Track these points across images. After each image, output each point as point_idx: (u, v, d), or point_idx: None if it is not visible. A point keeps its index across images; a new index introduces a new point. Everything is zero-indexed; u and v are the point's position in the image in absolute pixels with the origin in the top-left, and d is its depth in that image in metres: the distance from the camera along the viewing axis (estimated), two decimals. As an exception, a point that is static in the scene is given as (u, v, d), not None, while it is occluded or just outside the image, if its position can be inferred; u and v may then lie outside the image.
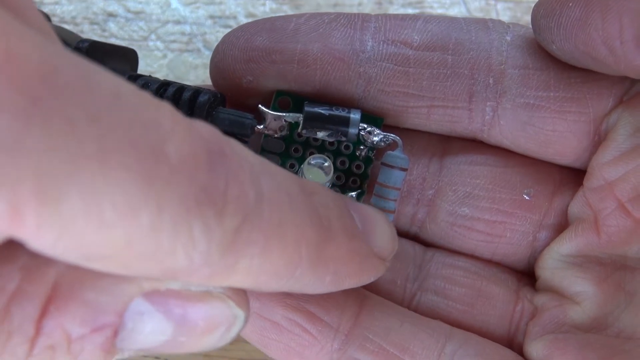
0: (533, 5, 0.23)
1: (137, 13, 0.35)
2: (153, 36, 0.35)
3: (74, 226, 0.12)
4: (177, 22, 0.35)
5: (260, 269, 0.15)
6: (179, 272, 0.14)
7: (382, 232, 0.20)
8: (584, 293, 0.23)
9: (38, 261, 0.15)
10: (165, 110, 0.14)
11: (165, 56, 0.35)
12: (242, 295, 0.17)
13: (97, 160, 0.12)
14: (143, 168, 0.13)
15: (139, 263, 0.14)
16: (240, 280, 0.16)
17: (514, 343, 0.25)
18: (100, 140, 0.12)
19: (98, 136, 0.12)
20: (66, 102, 0.12)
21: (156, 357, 0.30)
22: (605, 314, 0.23)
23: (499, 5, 0.33)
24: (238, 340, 0.30)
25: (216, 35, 0.35)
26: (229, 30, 0.24)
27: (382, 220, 0.20)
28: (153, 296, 0.16)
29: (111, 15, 0.35)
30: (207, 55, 0.35)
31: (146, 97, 0.14)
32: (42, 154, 0.12)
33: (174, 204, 0.13)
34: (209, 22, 0.35)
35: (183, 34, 0.35)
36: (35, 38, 0.12)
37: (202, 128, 0.15)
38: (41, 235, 0.12)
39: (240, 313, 0.17)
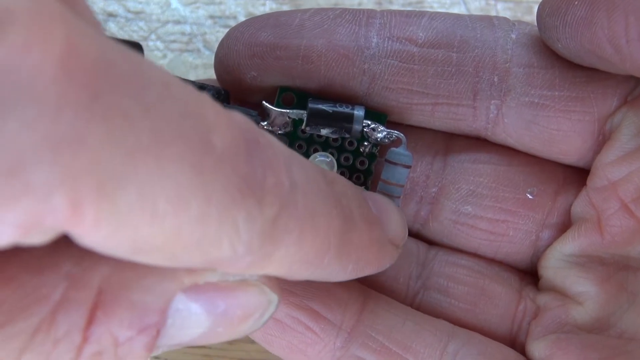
0: (533, 5, 0.23)
1: (137, 13, 0.35)
2: (153, 36, 0.35)
3: (129, 219, 0.12)
4: (177, 22, 0.35)
5: (294, 257, 0.16)
6: (221, 262, 0.15)
7: (395, 220, 0.20)
8: (587, 293, 0.23)
9: (82, 267, 0.15)
10: (207, 100, 0.14)
11: (165, 56, 0.35)
12: (274, 280, 0.17)
13: (153, 152, 0.12)
14: (194, 159, 0.13)
15: (185, 254, 0.14)
16: (275, 269, 0.16)
17: (516, 342, 0.24)
18: (155, 132, 0.13)
19: (152, 129, 0.12)
20: (123, 96, 0.12)
21: (156, 358, 0.30)
22: (607, 315, 0.23)
23: (499, 5, 0.33)
24: (238, 340, 0.30)
25: (216, 35, 0.35)
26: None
27: (393, 207, 0.21)
28: (192, 291, 0.16)
29: (111, 15, 0.35)
30: (207, 55, 0.35)
31: (190, 88, 0.14)
32: (102, 149, 0.12)
33: (220, 194, 0.13)
34: (209, 22, 0.35)
35: (183, 34, 0.35)
36: (90, 31, 0.12)
37: (239, 118, 0.15)
38: (97, 229, 0.12)
39: (274, 297, 0.17)
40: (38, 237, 0.12)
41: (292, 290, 0.22)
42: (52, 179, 0.11)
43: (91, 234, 0.12)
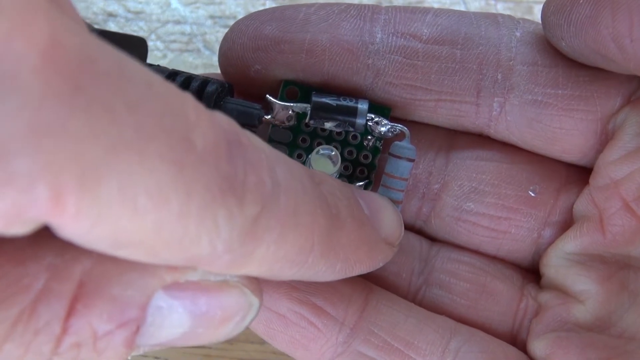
0: (533, 5, 0.23)
1: (137, 13, 0.35)
2: (153, 36, 0.35)
3: (109, 212, 0.13)
4: (177, 22, 0.35)
5: (276, 256, 0.16)
6: (201, 260, 0.15)
7: (389, 218, 0.20)
8: (587, 292, 0.23)
9: (64, 259, 0.15)
10: (189, 100, 0.14)
11: (165, 56, 0.35)
12: (256, 284, 0.17)
13: (135, 147, 0.13)
14: (174, 156, 0.13)
15: (165, 250, 0.14)
16: (256, 268, 0.16)
17: (517, 340, 0.24)
18: (137, 128, 0.13)
19: (135, 124, 0.13)
20: (106, 90, 0.12)
21: (156, 358, 0.29)
22: (608, 313, 0.23)
23: (499, 5, 0.33)
24: (238, 340, 0.29)
25: (216, 35, 0.35)
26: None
27: (388, 206, 0.21)
28: (173, 289, 0.16)
29: (111, 15, 0.35)
30: (207, 55, 0.35)
31: (172, 87, 0.14)
32: (85, 140, 0.12)
33: (201, 192, 0.14)
34: (209, 22, 0.35)
35: (183, 34, 0.35)
36: (74, 26, 0.12)
37: (221, 119, 0.15)
38: (78, 221, 0.12)
39: (255, 301, 0.17)
40: (20, 227, 0.12)
41: (295, 285, 0.22)
42: (35, 169, 0.12)
43: (72, 226, 0.13)
